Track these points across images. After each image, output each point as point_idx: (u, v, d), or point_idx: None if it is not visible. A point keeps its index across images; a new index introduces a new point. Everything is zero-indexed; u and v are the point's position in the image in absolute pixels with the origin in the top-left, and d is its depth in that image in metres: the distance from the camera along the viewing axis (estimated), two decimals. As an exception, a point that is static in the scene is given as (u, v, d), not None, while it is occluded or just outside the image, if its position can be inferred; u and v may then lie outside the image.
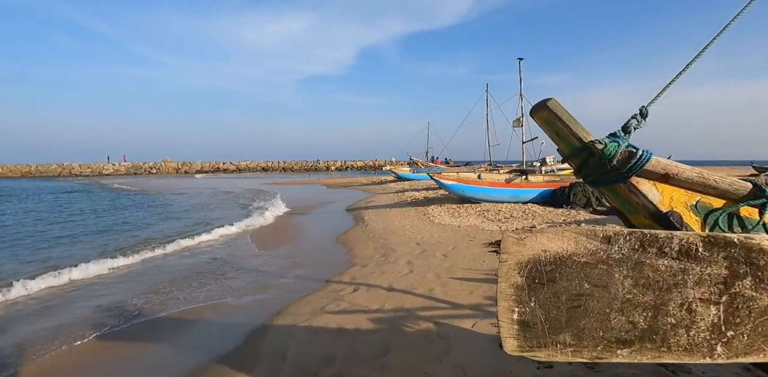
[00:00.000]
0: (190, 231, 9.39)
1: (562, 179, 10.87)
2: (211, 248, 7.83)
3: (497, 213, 9.65)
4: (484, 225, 8.39)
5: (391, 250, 6.79)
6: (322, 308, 4.18)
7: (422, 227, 8.77)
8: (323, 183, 29.00)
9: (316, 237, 8.93)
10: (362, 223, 10.09)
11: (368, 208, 13.10)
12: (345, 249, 7.31)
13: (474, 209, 10.42)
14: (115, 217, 12.49)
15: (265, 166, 66.42)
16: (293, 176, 44.28)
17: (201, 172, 59.57)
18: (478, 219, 9.16)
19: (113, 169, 57.79)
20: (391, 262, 5.94)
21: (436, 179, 10.86)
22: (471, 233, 7.72)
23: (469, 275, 4.87)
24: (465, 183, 10.77)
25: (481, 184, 10.80)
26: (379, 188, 21.85)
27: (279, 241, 8.38)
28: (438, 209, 11.02)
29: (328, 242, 8.18)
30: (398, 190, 19.38)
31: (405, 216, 10.49)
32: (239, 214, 12.49)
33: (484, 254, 5.89)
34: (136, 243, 8.23)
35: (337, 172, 54.26)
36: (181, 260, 7.01)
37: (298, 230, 9.96)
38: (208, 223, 10.75)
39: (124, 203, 17.21)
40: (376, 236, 8.26)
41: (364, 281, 5.07)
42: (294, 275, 5.79)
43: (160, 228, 10.25)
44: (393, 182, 24.95)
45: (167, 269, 6.33)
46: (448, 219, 9.36)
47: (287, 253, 7.29)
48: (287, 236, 9.09)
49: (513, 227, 7.89)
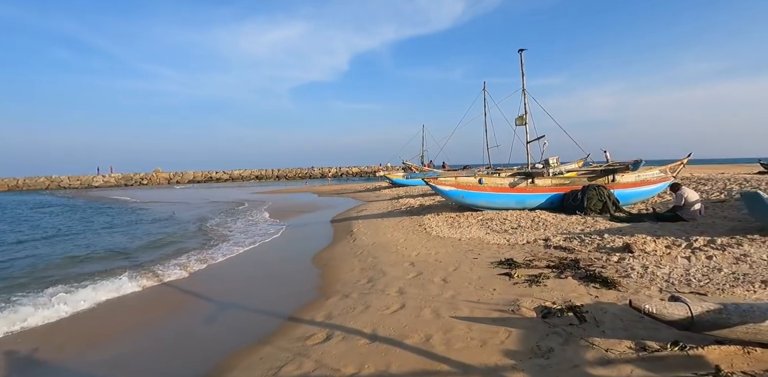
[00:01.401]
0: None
1: (573, 182, 9.77)
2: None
3: (502, 222, 8.50)
4: (488, 238, 7.25)
5: (380, 272, 5.64)
6: (275, 372, 3.01)
7: (418, 241, 7.62)
8: (315, 191, 27.81)
9: (291, 256, 7.74)
10: (350, 237, 8.93)
11: (359, 218, 11.95)
12: (322, 272, 6.15)
13: (475, 218, 9.28)
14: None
15: (259, 174, 65.03)
16: (287, 184, 43.04)
17: (193, 182, 58.15)
18: (481, 230, 8.02)
19: (103, 181, 56.41)
20: (379, 290, 4.78)
21: (432, 184, 9.74)
22: (474, 248, 6.57)
23: (478, 313, 3.71)
24: (465, 189, 9.65)
25: (482, 189, 9.68)
26: (372, 195, 20.70)
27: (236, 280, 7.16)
28: (435, 218, 9.88)
29: (304, 262, 7.01)
30: (393, 197, 18.24)
31: (398, 227, 9.34)
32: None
33: (492, 278, 4.74)
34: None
35: (333, 179, 52.99)
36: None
37: (271, 250, 8.78)
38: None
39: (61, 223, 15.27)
40: (364, 253, 7.10)
41: (341, 321, 3.91)
42: (251, 309, 4.62)
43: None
44: (387, 189, 23.80)
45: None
46: (446, 231, 8.21)
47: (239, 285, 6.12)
48: (258, 260, 7.92)
49: (523, 240, 6.75)
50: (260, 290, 5.65)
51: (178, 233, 10.99)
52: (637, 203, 10.04)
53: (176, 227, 12.20)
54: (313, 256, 7.42)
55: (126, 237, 10.62)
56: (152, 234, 10.81)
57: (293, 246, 8.74)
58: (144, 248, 9.05)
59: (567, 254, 5.62)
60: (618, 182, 9.66)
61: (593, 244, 5.96)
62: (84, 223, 14.11)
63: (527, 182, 9.76)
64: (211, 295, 5.37)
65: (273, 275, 6.38)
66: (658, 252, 5.21)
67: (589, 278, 4.39)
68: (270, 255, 7.99)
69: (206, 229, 11.58)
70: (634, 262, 4.91)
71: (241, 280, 6.28)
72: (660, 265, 4.70)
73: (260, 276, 6.44)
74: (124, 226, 12.98)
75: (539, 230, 7.45)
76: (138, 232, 11.43)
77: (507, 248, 6.37)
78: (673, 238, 5.91)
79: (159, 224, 13.02)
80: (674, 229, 6.67)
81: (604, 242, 5.97)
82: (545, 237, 6.75)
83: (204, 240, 9.67)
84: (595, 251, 5.61)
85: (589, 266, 4.91)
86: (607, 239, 6.17)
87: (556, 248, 6.03)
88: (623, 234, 6.44)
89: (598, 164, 17.84)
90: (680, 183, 7.67)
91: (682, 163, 10.16)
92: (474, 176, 9.93)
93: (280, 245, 8.93)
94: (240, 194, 27.75)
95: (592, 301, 3.74)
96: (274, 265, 7.21)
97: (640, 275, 4.42)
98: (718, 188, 10.73)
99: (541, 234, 7.10)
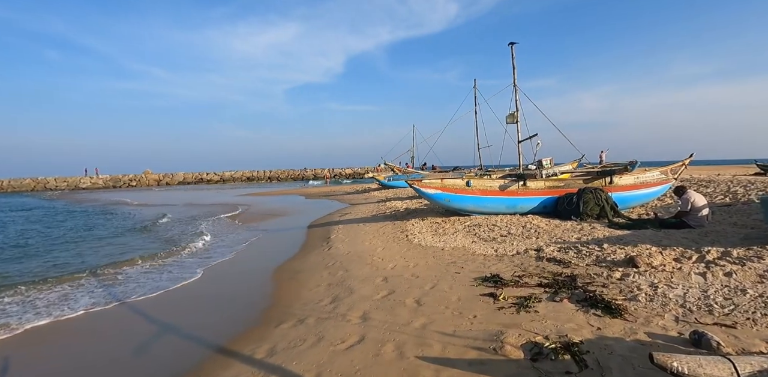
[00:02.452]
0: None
1: (567, 185, 9.06)
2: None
3: (491, 229, 7.77)
4: (474, 247, 6.50)
5: (347, 290, 4.88)
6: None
7: (397, 250, 6.86)
8: (303, 193, 26.96)
9: (254, 269, 6.92)
10: (325, 245, 8.16)
11: (340, 222, 11.17)
12: (284, 288, 5.35)
13: (462, 224, 8.54)
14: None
15: (250, 175, 63.96)
16: (277, 186, 42.10)
17: (183, 183, 56.99)
18: (467, 238, 7.27)
19: (90, 182, 55.26)
20: (340, 315, 4.01)
21: (416, 187, 8.98)
22: (458, 259, 5.83)
23: (451, 352, 2.95)
24: (451, 192, 8.91)
25: (470, 192, 8.95)
26: (360, 198, 19.94)
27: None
28: (419, 224, 9.12)
29: (267, 276, 6.20)
30: (381, 199, 17.49)
31: (379, 234, 8.58)
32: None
33: (474, 300, 3.99)
34: None
35: (328, 181, 51.70)
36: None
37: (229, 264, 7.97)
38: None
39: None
40: (336, 265, 6.34)
41: (283, 360, 3.14)
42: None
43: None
44: (377, 191, 23.05)
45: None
46: (429, 239, 7.45)
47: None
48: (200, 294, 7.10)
49: (513, 250, 6.02)
50: (198, 316, 4.81)
51: (130, 244, 9.71)
52: (637, 207, 9.37)
53: (133, 237, 10.78)
54: (281, 268, 6.63)
55: (70, 253, 8.88)
56: (100, 247, 9.33)
57: (260, 257, 7.91)
58: (81, 265, 7.48)
59: (562, 268, 4.89)
60: (616, 184, 8.98)
61: (591, 256, 5.23)
62: (38, 231, 13.17)
63: (518, 185, 9.05)
64: (133, 326, 4.54)
65: (221, 296, 5.48)
66: (667, 267, 4.49)
67: (588, 301, 3.65)
68: (229, 269, 7.12)
69: (165, 238, 10.69)
70: (640, 280, 4.19)
71: (177, 304, 5.23)
72: (671, 284, 3.97)
73: (207, 296, 5.56)
74: (77, 233, 12.00)
75: (531, 239, 6.71)
76: (87, 245, 9.74)
77: (494, 259, 5.62)
78: (682, 249, 5.20)
79: (113, 232, 11.69)
80: (681, 238, 5.97)
81: (603, 254, 5.24)
82: (537, 247, 6.02)
83: (159, 250, 8.81)
84: (595, 265, 4.88)
85: (588, 284, 4.18)
86: (607, 250, 5.45)
87: (550, 260, 5.30)
88: (625, 244, 5.73)
89: (593, 165, 17.22)
90: (685, 186, 6.99)
91: (684, 164, 9.50)
92: (461, 177, 9.18)
93: (246, 255, 8.11)
94: (225, 197, 26.82)
95: (594, 335, 3.00)
96: (229, 281, 6.39)
97: (649, 297, 3.69)
98: (721, 191, 10.09)
99: (533, 243, 6.36)
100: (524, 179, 9.12)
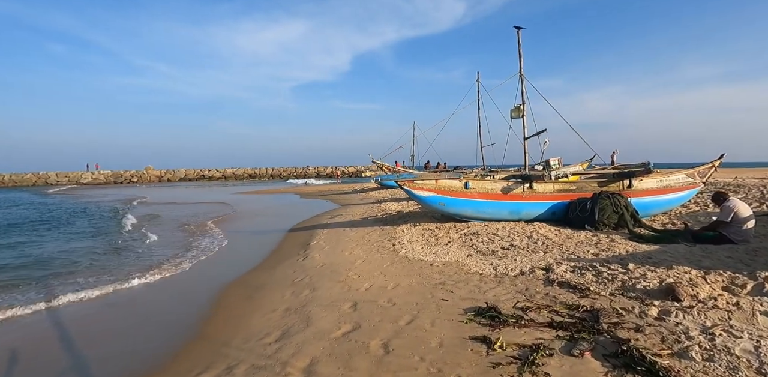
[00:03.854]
0: None
1: (580, 188, 7.95)
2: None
3: (491, 239, 6.68)
4: (470, 262, 5.43)
5: (304, 320, 3.84)
6: None
7: (379, 263, 5.81)
8: (299, 192, 25.98)
9: (209, 284, 5.87)
10: (302, 253, 7.14)
11: (327, 226, 10.14)
12: (232, 314, 4.32)
13: (458, 232, 7.46)
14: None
15: (252, 173, 63.21)
16: (276, 184, 41.20)
17: (185, 180, 56.33)
18: (462, 250, 6.19)
19: (92, 178, 54.82)
20: (279, 365, 2.97)
21: (406, 189, 7.91)
22: (448, 278, 4.76)
23: None
24: (446, 195, 7.83)
25: (468, 196, 7.87)
26: (356, 198, 18.90)
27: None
28: (410, 230, 8.05)
29: (218, 287, 5.17)
30: (377, 200, 16.44)
31: (364, 241, 7.53)
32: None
33: (461, 347, 2.93)
34: None
35: (339, 179, 50.27)
36: None
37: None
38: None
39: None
40: (305, 280, 5.31)
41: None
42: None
43: None
44: (375, 190, 22.00)
45: None
46: (419, 250, 6.39)
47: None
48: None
49: (515, 269, 4.93)
50: (75, 355, 3.79)
51: (79, 251, 8.13)
52: (658, 214, 8.24)
53: (92, 240, 9.50)
54: (240, 282, 5.61)
55: (12, 252, 8.14)
56: (48, 251, 8.26)
57: (222, 267, 6.87)
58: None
59: (579, 298, 3.81)
60: (635, 188, 7.86)
61: (616, 281, 4.14)
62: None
63: (523, 187, 7.96)
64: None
65: (140, 322, 4.48)
66: (719, 302, 3.39)
67: (621, 358, 2.58)
68: (172, 284, 6.06)
69: (120, 247, 9.49)
70: (686, 320, 3.10)
71: (60, 335, 4.25)
72: (732, 330, 2.88)
73: (117, 321, 4.53)
74: (28, 233, 11.01)
75: (538, 254, 5.61)
76: (37, 246, 8.78)
77: (492, 281, 4.55)
78: (730, 273, 4.10)
79: (66, 237, 10.28)
80: (725, 257, 4.85)
81: (631, 279, 4.15)
82: (546, 265, 4.93)
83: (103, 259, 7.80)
84: (621, 295, 3.79)
85: (615, 326, 3.10)
86: (635, 272, 4.35)
87: (562, 285, 4.22)
88: (655, 264, 4.62)
89: (602, 167, 16.08)
90: (726, 192, 5.87)
91: (714, 166, 8.35)
92: (459, 178, 8.09)
93: (208, 264, 7.09)
94: (220, 195, 25.94)
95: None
96: (163, 301, 5.34)
97: (706, 352, 2.60)
98: (754, 197, 8.93)
99: (541, 259, 5.27)
100: (530, 181, 8.02)
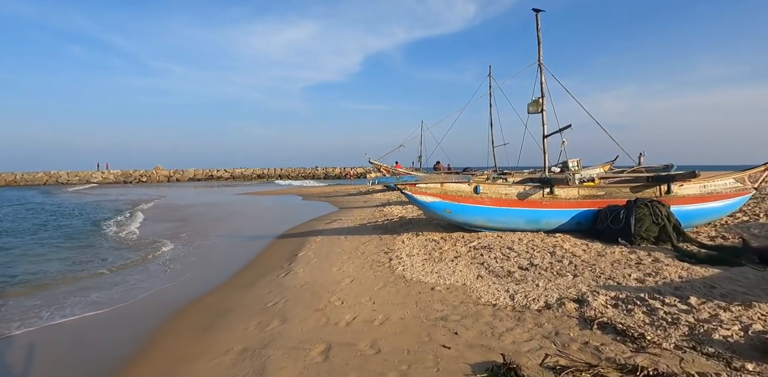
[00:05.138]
0: None
1: (610, 194, 6.84)
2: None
3: (505, 255, 5.62)
4: (480, 287, 4.38)
5: (257, 372, 2.86)
6: None
7: (370, 284, 4.81)
8: (302, 193, 25.11)
9: (170, 297, 4.92)
10: (286, 266, 6.19)
11: (321, 232, 9.17)
12: (184, 346, 3.35)
13: (467, 244, 6.41)
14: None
15: (261, 173, 62.79)
16: (281, 185, 40.51)
17: (193, 180, 56.13)
18: (470, 269, 5.14)
19: (102, 177, 55.05)
20: None
21: (407, 193, 6.90)
22: (453, 310, 3.74)
23: None
24: (453, 200, 6.79)
25: (479, 202, 6.82)
26: (360, 200, 17.92)
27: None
28: (411, 241, 7.03)
29: (173, 311, 4.21)
30: (381, 203, 15.43)
31: (357, 254, 6.53)
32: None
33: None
34: None
35: (352, 179, 49.16)
36: None
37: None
38: None
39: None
40: (277, 306, 4.34)
41: None
42: None
43: None
44: (380, 193, 21.00)
45: None
46: (419, 267, 5.35)
47: None
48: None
49: (539, 299, 3.88)
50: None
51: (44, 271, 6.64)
52: (701, 225, 7.07)
53: (67, 253, 8.07)
54: (200, 304, 4.66)
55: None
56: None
57: (194, 280, 5.94)
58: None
59: (631, 350, 2.75)
60: (675, 194, 6.72)
61: (679, 325, 3.06)
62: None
63: (543, 193, 6.88)
64: None
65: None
66: None
67: None
68: (130, 306, 5.19)
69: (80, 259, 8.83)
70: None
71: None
72: None
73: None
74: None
75: (566, 277, 4.52)
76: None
77: (510, 318, 3.50)
78: (838, 316, 3.00)
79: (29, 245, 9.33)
80: (815, 288, 3.74)
81: (699, 322, 3.07)
82: (578, 295, 3.86)
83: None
84: (694, 351, 2.71)
85: (701, 411, 2.04)
86: (701, 310, 3.27)
87: (604, 326, 3.16)
88: (725, 298, 3.53)
89: (620, 170, 14.85)
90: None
91: (767, 169, 7.15)
92: (468, 181, 7.04)
93: (176, 278, 6.17)
94: (223, 196, 25.28)
95: None
96: (87, 334, 4.43)
97: None
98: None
99: (570, 285, 4.19)
100: (551, 185, 6.94)
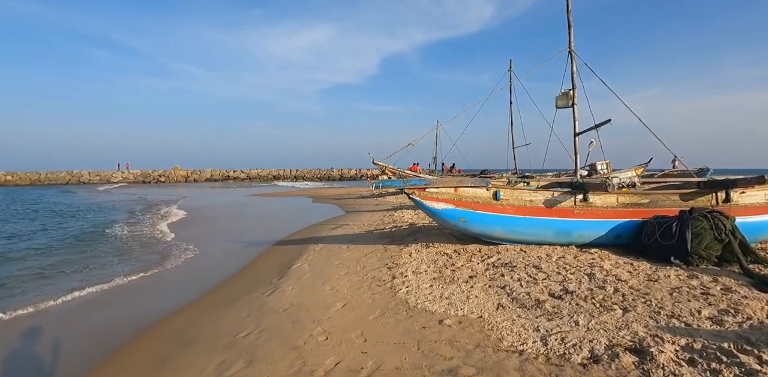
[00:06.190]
0: None
1: (656, 203, 5.79)
2: None
3: (532, 277, 4.65)
4: (502, 322, 3.45)
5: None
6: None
7: (365, 311, 3.94)
8: (313, 195, 24.46)
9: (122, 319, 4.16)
10: (274, 282, 5.39)
11: (324, 239, 8.37)
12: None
13: (484, 261, 5.46)
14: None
15: (276, 174, 62.88)
16: (295, 186, 40.13)
17: (210, 180, 56.59)
18: (489, 294, 4.20)
19: (122, 177, 56.16)
20: None
21: (416, 199, 6.01)
22: (465, 358, 2.83)
23: None
24: (469, 208, 5.86)
25: (498, 210, 5.87)
26: (372, 203, 17.08)
27: None
28: (419, 254, 6.12)
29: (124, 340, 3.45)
30: (393, 206, 14.56)
31: (357, 268, 5.67)
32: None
33: None
34: None
35: (370, 181, 48.76)
36: None
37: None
38: None
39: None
40: (249, 339, 3.52)
41: None
42: None
43: None
44: (393, 195, 20.14)
45: None
46: (425, 289, 4.44)
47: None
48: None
49: (581, 341, 2.93)
50: None
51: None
52: (766, 242, 5.95)
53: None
54: (157, 331, 3.89)
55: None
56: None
57: (169, 294, 5.19)
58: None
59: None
60: (735, 203, 5.63)
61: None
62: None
63: (575, 199, 5.89)
64: None
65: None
66: None
67: None
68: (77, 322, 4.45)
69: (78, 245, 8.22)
70: None
71: None
72: None
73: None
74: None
75: (614, 311, 3.52)
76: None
77: (542, 374, 2.57)
78: None
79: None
80: None
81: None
82: (634, 341, 2.89)
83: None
84: None
85: None
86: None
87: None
88: None
89: (652, 173, 13.60)
90: None
91: None
92: (486, 186, 6.09)
93: (149, 289, 5.43)
94: (235, 196, 25.00)
95: None
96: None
97: None
98: None
99: (621, 325, 3.21)
100: (584, 192, 5.94)
